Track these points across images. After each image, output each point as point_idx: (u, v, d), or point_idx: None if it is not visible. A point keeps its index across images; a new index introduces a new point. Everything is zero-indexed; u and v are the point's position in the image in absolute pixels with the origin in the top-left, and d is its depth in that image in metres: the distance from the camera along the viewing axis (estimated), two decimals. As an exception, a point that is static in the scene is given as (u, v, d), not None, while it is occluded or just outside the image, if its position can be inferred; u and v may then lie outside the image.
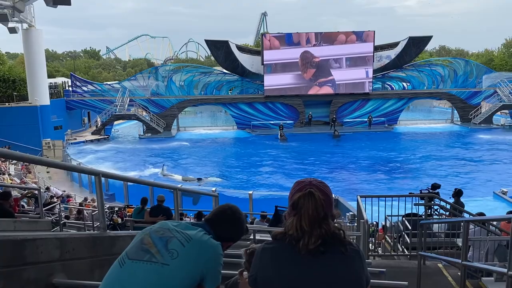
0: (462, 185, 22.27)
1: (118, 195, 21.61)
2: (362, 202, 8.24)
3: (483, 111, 41.90)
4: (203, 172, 26.80)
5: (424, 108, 54.50)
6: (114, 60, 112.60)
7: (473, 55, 76.05)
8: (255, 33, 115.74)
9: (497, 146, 32.76)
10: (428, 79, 43.62)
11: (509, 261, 3.24)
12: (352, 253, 1.76)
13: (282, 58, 40.23)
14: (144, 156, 32.50)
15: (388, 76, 43.87)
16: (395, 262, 7.92)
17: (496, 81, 42.60)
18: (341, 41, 40.61)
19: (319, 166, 28.38)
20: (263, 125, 41.45)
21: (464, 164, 28.02)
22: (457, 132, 39.97)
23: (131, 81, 43.53)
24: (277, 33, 42.78)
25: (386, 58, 42.33)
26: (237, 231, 2.24)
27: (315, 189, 1.79)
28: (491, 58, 64.73)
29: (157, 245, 1.94)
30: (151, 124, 40.00)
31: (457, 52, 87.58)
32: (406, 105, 43.76)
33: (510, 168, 26.58)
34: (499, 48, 69.37)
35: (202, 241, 1.98)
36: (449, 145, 34.73)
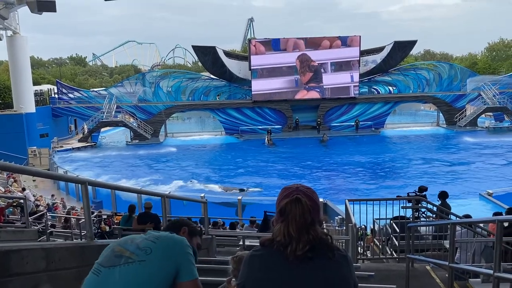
0: (448, 187, 22.52)
1: (106, 202, 21.42)
2: (350, 206, 8.29)
3: (468, 114, 42.49)
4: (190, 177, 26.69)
5: (410, 112, 55.08)
6: (100, 66, 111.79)
7: (457, 58, 77.29)
8: (242, 39, 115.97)
9: (482, 149, 33.21)
10: (414, 83, 44.13)
11: (495, 262, 3.29)
12: (340, 259, 1.76)
13: (269, 63, 40.37)
14: (132, 163, 32.26)
15: (374, 80, 44.28)
16: (384, 265, 7.96)
17: (480, 84, 43.26)
18: (327, 46, 40.90)
19: (307, 170, 28.46)
20: (251, 130, 41.47)
21: (451, 166, 28.34)
22: (443, 135, 40.44)
23: (118, 87, 43.25)
24: (263, 38, 42.94)
25: (372, 63, 42.74)
26: (180, 221, 2.55)
27: (302, 195, 1.80)
28: (474, 61, 65.82)
29: (129, 249, 2.03)
30: (138, 131, 39.75)
31: (441, 56, 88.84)
32: (392, 109, 44.17)
33: (496, 170, 26.98)
34: (482, 51, 70.71)
35: (169, 237, 2.12)
36: (435, 148, 35.12)
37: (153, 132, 40.63)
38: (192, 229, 2.50)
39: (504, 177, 24.72)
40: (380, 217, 8.95)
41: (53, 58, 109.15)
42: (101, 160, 33.18)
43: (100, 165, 31.53)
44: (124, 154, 35.58)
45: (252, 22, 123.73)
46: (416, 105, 52.91)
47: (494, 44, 67.24)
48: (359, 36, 41.08)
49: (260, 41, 42.31)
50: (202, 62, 43.30)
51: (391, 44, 41.93)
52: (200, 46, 40.88)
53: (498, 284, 3.33)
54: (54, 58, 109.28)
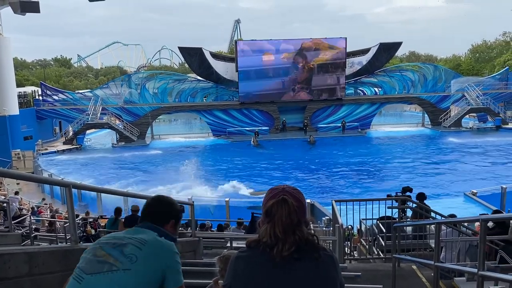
0: (433, 187, 22.91)
1: (91, 205, 21.18)
2: (337, 206, 8.32)
3: (452, 115, 43.08)
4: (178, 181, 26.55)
5: (395, 113, 55.61)
6: (85, 68, 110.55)
7: (442, 60, 78.23)
8: (229, 40, 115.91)
9: (466, 149, 33.69)
10: (399, 84, 44.60)
11: (479, 261, 3.33)
12: (326, 259, 1.77)
13: (256, 65, 40.42)
14: (118, 165, 31.98)
15: (360, 82, 44.62)
16: (371, 265, 8.01)
17: (464, 85, 43.92)
18: (314, 48, 41.11)
19: (294, 171, 28.54)
20: (238, 132, 41.44)
21: (436, 166, 28.70)
22: (428, 136, 40.92)
23: (103, 89, 42.90)
24: (250, 40, 42.98)
25: (358, 64, 43.09)
26: (171, 209, 2.28)
27: (288, 196, 1.80)
28: (458, 63, 66.75)
29: (113, 255, 1.94)
30: (124, 133, 39.43)
31: (426, 57, 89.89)
32: (378, 110, 44.56)
33: (480, 170, 27.38)
34: (465, 53, 71.69)
35: (157, 242, 2.03)
36: (421, 148, 35.52)
37: (139, 134, 40.34)
38: (179, 217, 2.35)
39: (488, 177, 25.11)
40: (366, 218, 9.01)
41: (37, 60, 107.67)
42: (87, 163, 32.82)
43: (85, 168, 31.19)
44: (110, 156, 35.25)
45: (239, 23, 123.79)
46: (402, 106, 53.52)
47: (477, 46, 68.24)
48: (345, 38, 41.37)
49: (248, 42, 42.37)
50: (189, 63, 43.17)
51: (377, 45, 42.33)
52: (187, 48, 40.75)
53: (482, 283, 3.36)
54: (38, 59, 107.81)
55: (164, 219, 2.24)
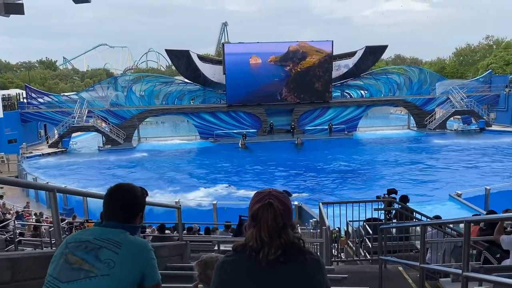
0: (419, 189, 23.16)
1: (77, 209, 20.93)
2: (324, 208, 8.35)
3: (437, 117, 43.64)
4: (165, 184, 26.43)
5: (381, 115, 56.07)
6: (71, 70, 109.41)
7: (427, 63, 79.17)
8: (216, 43, 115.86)
9: (451, 151, 34.14)
10: (385, 87, 45.03)
11: (463, 262, 3.37)
12: (312, 262, 1.77)
13: (243, 68, 40.44)
14: (104, 168, 31.68)
15: (347, 85, 44.95)
16: (358, 267, 8.06)
17: (449, 88, 44.55)
18: (301, 51, 41.31)
19: (282, 173, 28.60)
20: (226, 134, 41.40)
21: (421, 168, 29.01)
22: (414, 138, 41.37)
23: (89, 92, 42.51)
24: (238, 43, 43.03)
25: (344, 67, 43.42)
26: (137, 201, 2.16)
27: (274, 200, 1.79)
28: (443, 66, 67.61)
29: (87, 260, 1.89)
30: (110, 136, 39.10)
31: (411, 60, 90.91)
32: (365, 112, 44.92)
33: (464, 171, 27.76)
34: (450, 56, 72.69)
35: (132, 244, 1.98)
36: (407, 150, 35.88)
37: (125, 137, 40.04)
38: (144, 207, 2.22)
39: (472, 178, 25.45)
40: (353, 219, 9.07)
41: (22, 62, 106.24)
42: (72, 166, 32.44)
43: (71, 171, 30.83)
44: (96, 159, 34.91)
45: (226, 26, 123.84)
46: (388, 109, 54.01)
47: (461, 49, 69.23)
48: (331, 41, 41.66)
49: (236, 45, 42.39)
50: (176, 66, 43.05)
51: (363, 49, 42.71)
52: (174, 50, 40.63)
53: (466, 283, 3.41)
54: (23, 61, 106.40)
55: (132, 214, 2.13)
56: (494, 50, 60.48)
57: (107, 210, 2.12)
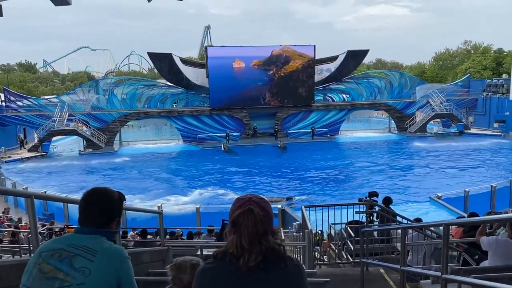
0: (400, 191, 23.45)
1: (58, 214, 20.57)
2: (307, 212, 8.39)
3: (418, 121, 44.33)
4: (148, 188, 26.18)
5: (363, 119, 56.72)
6: (52, 73, 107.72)
7: (407, 67, 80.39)
8: (200, 46, 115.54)
9: (431, 153, 34.69)
10: (366, 91, 45.56)
11: (442, 264, 3.42)
12: (293, 268, 1.77)
13: (226, 71, 40.42)
14: (85, 172, 31.24)
15: (329, 88, 45.32)
16: (340, 270, 8.11)
17: (428, 92, 45.30)
18: (284, 55, 41.50)
19: (265, 177, 28.62)
20: (209, 137, 41.27)
21: (402, 170, 29.39)
22: (394, 141, 41.91)
23: (70, 95, 41.90)
24: (221, 46, 43.00)
25: (326, 71, 43.77)
26: (114, 206, 2.13)
27: (254, 206, 1.80)
28: (423, 70, 68.72)
29: (62, 269, 1.85)
30: (92, 139, 38.59)
31: (392, 65, 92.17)
32: (346, 116, 45.35)
33: (444, 173, 28.23)
34: (430, 61, 73.95)
35: (107, 251, 1.95)
36: (388, 153, 36.34)
37: (107, 140, 39.57)
38: (121, 212, 2.19)
39: (452, 180, 25.90)
40: (335, 222, 9.13)
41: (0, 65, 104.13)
42: (53, 170, 31.89)
43: (51, 176, 30.30)
44: (77, 163, 34.39)
45: (209, 29, 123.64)
46: (369, 112, 54.66)
47: (440, 54, 70.52)
48: (313, 46, 41.96)
49: (219, 48, 42.38)
50: (158, 69, 42.77)
51: (345, 53, 43.16)
52: (156, 53, 40.38)
53: (445, 285, 3.46)
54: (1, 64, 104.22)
55: (109, 219, 2.09)
56: (472, 55, 61.78)
57: (83, 215, 2.07)
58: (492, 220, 4.99)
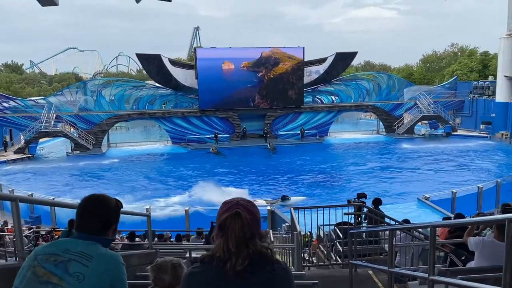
0: (388, 192, 23.61)
1: (45, 217, 20.34)
2: (296, 213, 8.40)
3: (405, 122, 44.72)
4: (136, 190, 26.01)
5: (351, 120, 57.03)
6: (39, 74, 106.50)
7: (395, 69, 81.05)
8: (188, 47, 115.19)
9: (419, 155, 35.02)
10: (355, 92, 45.86)
11: (429, 266, 3.45)
12: (280, 272, 1.77)
13: (216, 73, 40.36)
14: (72, 174, 30.92)
15: (318, 90, 45.53)
16: (329, 271, 8.14)
17: (416, 93, 45.77)
18: (273, 57, 41.58)
19: (255, 178, 28.61)
20: (198, 139, 41.13)
21: (390, 172, 29.61)
22: (383, 142, 42.21)
23: (57, 96, 41.50)
24: (210, 47, 42.93)
25: (315, 73, 43.97)
26: (111, 213, 2.12)
27: (241, 209, 1.79)
28: (411, 72, 69.33)
29: (56, 273, 1.84)
30: (79, 141, 38.22)
31: (380, 67, 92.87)
32: (335, 117, 45.58)
33: (432, 175, 28.52)
34: (417, 63, 74.66)
35: (103, 256, 1.94)
36: (376, 154, 36.58)
37: (95, 142, 39.21)
38: (119, 218, 2.18)
39: (440, 181, 26.17)
40: (324, 224, 9.16)
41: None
42: (39, 173, 31.52)
43: (38, 178, 29.94)
44: (64, 165, 34.03)
45: (198, 30, 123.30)
46: (358, 114, 55.00)
47: (428, 56, 71.24)
48: (302, 48, 42.12)
49: (208, 49, 42.31)
50: (147, 70, 42.55)
51: (333, 55, 43.40)
52: (145, 54, 40.18)
53: (433, 287, 3.49)
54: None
55: (105, 226, 2.09)
56: (458, 57, 62.52)
57: (80, 221, 2.08)
58: (478, 222, 5.03)
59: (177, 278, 2.94)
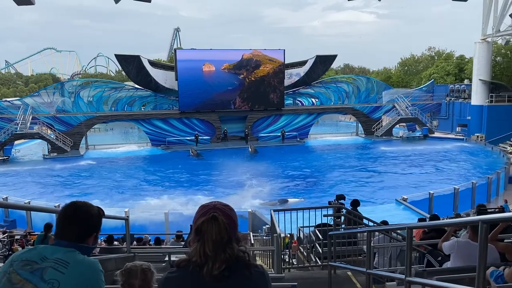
0: (367, 193, 23.88)
1: (20, 221, 19.89)
2: (276, 215, 8.40)
3: (384, 124, 45.34)
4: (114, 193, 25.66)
5: (331, 123, 57.49)
6: (14, 75, 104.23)
7: (374, 72, 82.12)
8: (169, 49, 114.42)
9: (397, 156, 35.53)
10: (335, 95, 46.29)
11: (406, 267, 3.49)
12: (257, 276, 1.76)
13: (196, 74, 40.16)
14: (49, 177, 30.29)
15: (298, 93, 45.80)
16: (308, 273, 8.16)
17: (394, 96, 46.46)
18: (254, 59, 41.62)
19: (235, 181, 28.53)
20: (179, 141, 40.84)
21: (369, 173, 29.95)
22: (362, 144, 42.68)
23: (34, 97, 40.61)
24: (190, 49, 42.71)
25: (296, 76, 44.22)
26: (92, 221, 2.09)
27: (219, 213, 1.78)
28: (389, 75, 70.27)
29: (31, 280, 1.80)
30: (56, 143, 37.48)
31: (359, 70, 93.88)
32: (316, 119, 45.89)
33: (409, 176, 28.96)
34: (395, 66, 75.74)
35: (79, 263, 1.91)
36: (355, 156, 36.95)
37: (72, 144, 38.54)
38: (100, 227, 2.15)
39: (417, 183, 26.59)
40: (303, 225, 9.19)
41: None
42: (15, 175, 30.78)
43: (13, 181, 29.24)
44: (41, 168, 33.31)
45: (178, 32, 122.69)
46: (337, 116, 55.50)
47: (406, 59, 72.27)
48: (283, 50, 42.30)
49: (187, 51, 42.05)
50: (126, 71, 42.04)
51: (313, 58, 43.72)
52: (124, 55, 39.70)
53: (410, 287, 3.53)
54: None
55: (85, 234, 2.05)
56: (435, 61, 63.65)
57: (60, 228, 2.04)
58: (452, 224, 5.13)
59: (147, 282, 2.91)
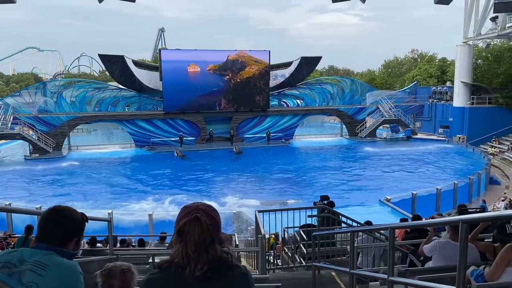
0: (351, 194, 24.07)
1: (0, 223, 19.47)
2: (260, 216, 8.41)
3: (368, 126, 45.76)
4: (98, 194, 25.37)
5: (316, 124, 57.77)
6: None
7: (358, 74, 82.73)
8: (153, 49, 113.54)
9: (381, 157, 35.90)
10: (319, 96, 46.55)
11: (388, 267, 3.52)
12: (240, 277, 1.76)
13: (181, 75, 39.94)
14: (30, 178, 29.79)
15: (284, 94, 45.93)
16: (293, 274, 8.18)
17: (378, 98, 46.95)
18: (240, 60, 41.59)
19: (220, 182, 28.48)
20: (163, 142, 40.57)
21: (353, 174, 30.21)
22: (346, 145, 43.01)
23: (15, 97, 39.88)
24: (175, 49, 42.47)
25: (281, 77, 44.33)
26: (73, 226, 2.07)
27: (201, 214, 1.77)
28: (373, 77, 70.92)
29: (9, 284, 1.78)
30: (38, 144, 36.87)
31: (344, 71, 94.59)
32: (301, 121, 46.08)
33: (393, 177, 29.29)
34: (379, 68, 76.52)
35: (58, 265, 1.89)
36: (340, 157, 37.23)
37: (55, 145, 37.95)
38: (82, 232, 2.15)
39: (401, 183, 26.90)
40: (288, 226, 9.21)
41: None
42: None
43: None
44: (22, 169, 32.75)
45: (163, 32, 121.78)
46: (322, 118, 55.81)
47: (389, 61, 73.07)
48: (268, 51, 42.36)
49: (172, 51, 41.80)
50: (110, 71, 41.57)
51: (298, 59, 43.90)
52: (107, 55, 39.28)
53: (392, 287, 3.57)
54: None
55: (66, 238, 2.04)
56: (418, 63, 64.48)
57: (41, 232, 2.03)
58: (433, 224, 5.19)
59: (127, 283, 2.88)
